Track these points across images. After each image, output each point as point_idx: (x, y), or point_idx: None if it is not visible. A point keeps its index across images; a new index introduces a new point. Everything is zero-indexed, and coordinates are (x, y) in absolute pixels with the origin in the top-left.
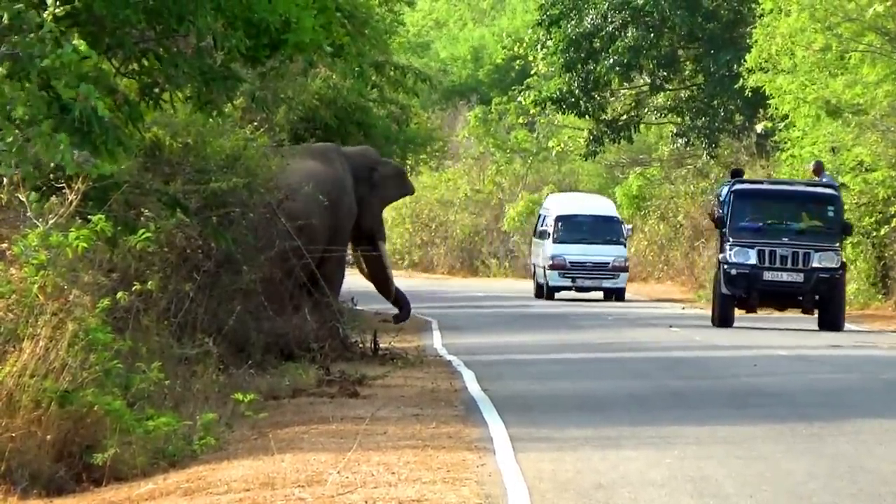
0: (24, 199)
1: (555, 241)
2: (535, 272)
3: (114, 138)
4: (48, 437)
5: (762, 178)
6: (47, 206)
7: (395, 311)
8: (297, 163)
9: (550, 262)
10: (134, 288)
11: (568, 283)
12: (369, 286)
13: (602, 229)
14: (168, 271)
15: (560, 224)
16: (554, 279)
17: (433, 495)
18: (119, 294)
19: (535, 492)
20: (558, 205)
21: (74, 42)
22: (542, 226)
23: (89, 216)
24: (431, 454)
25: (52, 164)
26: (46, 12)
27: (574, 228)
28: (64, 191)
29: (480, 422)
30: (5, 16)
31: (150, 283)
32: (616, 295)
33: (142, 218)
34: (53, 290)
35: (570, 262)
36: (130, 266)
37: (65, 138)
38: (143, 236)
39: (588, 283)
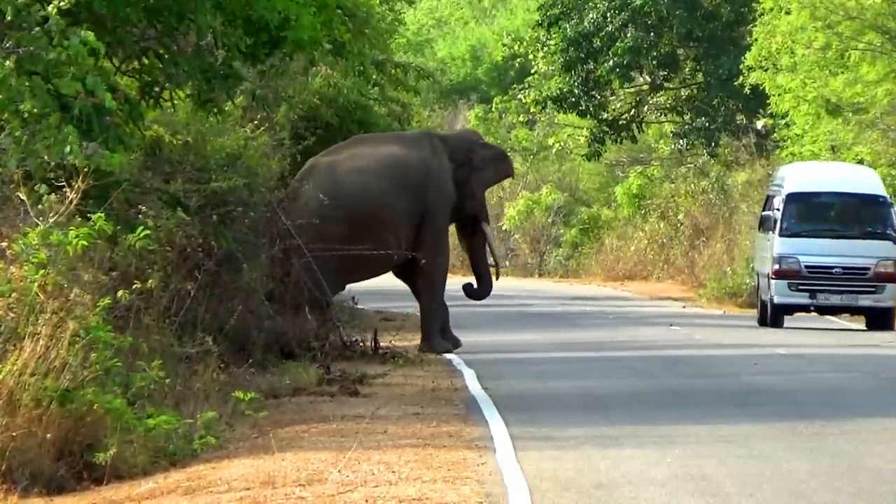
0: (24, 198)
1: (783, 234)
2: (757, 284)
3: (114, 136)
4: (49, 435)
5: None
6: (47, 204)
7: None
8: (373, 147)
9: (776, 267)
10: (134, 286)
11: (804, 299)
12: (369, 285)
13: (859, 215)
14: (169, 270)
15: (792, 207)
16: (782, 293)
17: (434, 494)
18: (119, 293)
19: (535, 491)
20: (794, 178)
21: (83, 34)
22: (768, 210)
23: (89, 214)
24: (432, 453)
25: (52, 163)
26: (51, 6)
27: (814, 214)
28: (64, 189)
29: (481, 420)
30: (9, 11)
31: (150, 281)
32: (881, 319)
33: (141, 216)
34: (54, 288)
35: (805, 267)
36: (131, 264)
37: (73, 130)
38: (143, 234)
39: (835, 299)
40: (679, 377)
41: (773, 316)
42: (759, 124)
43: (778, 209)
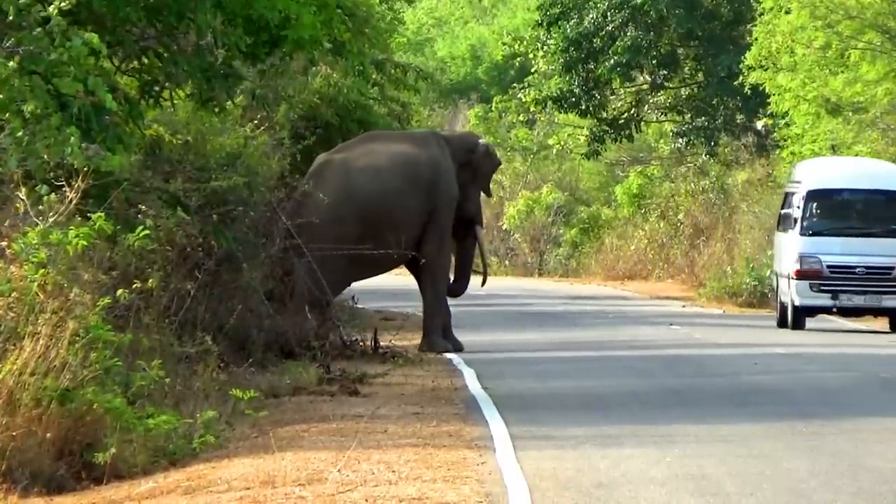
0: (24, 198)
1: (804, 233)
2: (776, 285)
3: (113, 135)
4: (49, 435)
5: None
6: (47, 203)
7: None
8: (386, 145)
9: (797, 267)
10: (134, 286)
11: (826, 300)
12: (369, 285)
13: (883, 212)
14: (168, 269)
15: (813, 204)
16: (803, 295)
17: (433, 493)
18: (119, 292)
19: (535, 490)
20: (813, 175)
21: (86, 35)
22: (786, 208)
23: (89, 214)
24: (432, 452)
25: (51, 162)
26: (52, 6)
27: (835, 211)
28: (64, 189)
29: (481, 420)
30: (10, 11)
31: (150, 281)
32: None
33: (141, 216)
34: (54, 288)
35: (828, 267)
36: (131, 264)
37: (74, 131)
38: (143, 233)
39: (858, 300)
40: (679, 376)
41: (794, 318)
42: (759, 124)
43: (798, 207)
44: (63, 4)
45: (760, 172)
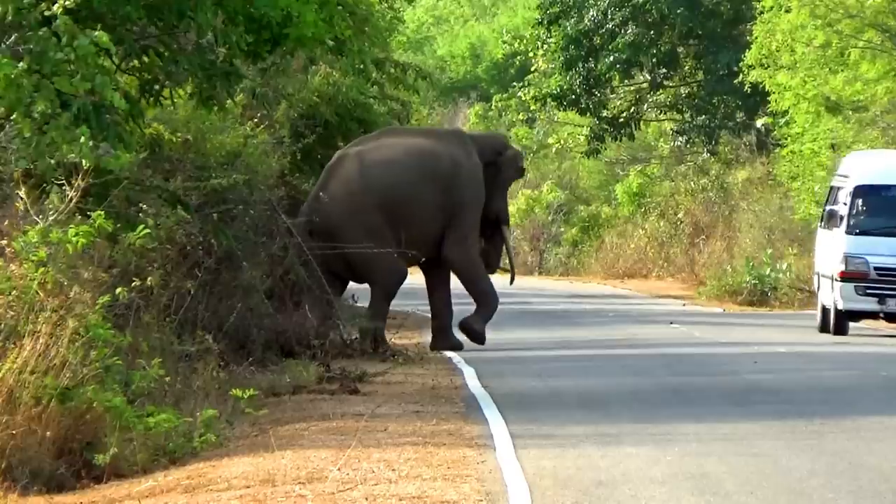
0: (23, 196)
1: (850, 231)
2: (818, 285)
3: (114, 134)
4: (48, 434)
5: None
6: (50, 203)
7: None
8: (403, 139)
9: (842, 269)
10: (134, 284)
11: (872, 305)
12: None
13: None
14: (168, 268)
15: (860, 201)
16: (848, 298)
17: (433, 492)
18: (119, 290)
19: (535, 489)
20: (861, 168)
21: (96, 34)
22: (832, 204)
23: (89, 213)
24: (432, 451)
25: (52, 161)
26: (56, 5)
27: (886, 209)
28: (64, 187)
29: (481, 418)
30: (10, 10)
31: (150, 279)
32: None
33: (141, 214)
34: (54, 286)
35: (875, 269)
36: (131, 263)
37: (85, 131)
38: (143, 232)
39: None
40: (679, 375)
41: (836, 322)
42: (759, 123)
43: (844, 203)
44: (67, 3)
45: (760, 171)
